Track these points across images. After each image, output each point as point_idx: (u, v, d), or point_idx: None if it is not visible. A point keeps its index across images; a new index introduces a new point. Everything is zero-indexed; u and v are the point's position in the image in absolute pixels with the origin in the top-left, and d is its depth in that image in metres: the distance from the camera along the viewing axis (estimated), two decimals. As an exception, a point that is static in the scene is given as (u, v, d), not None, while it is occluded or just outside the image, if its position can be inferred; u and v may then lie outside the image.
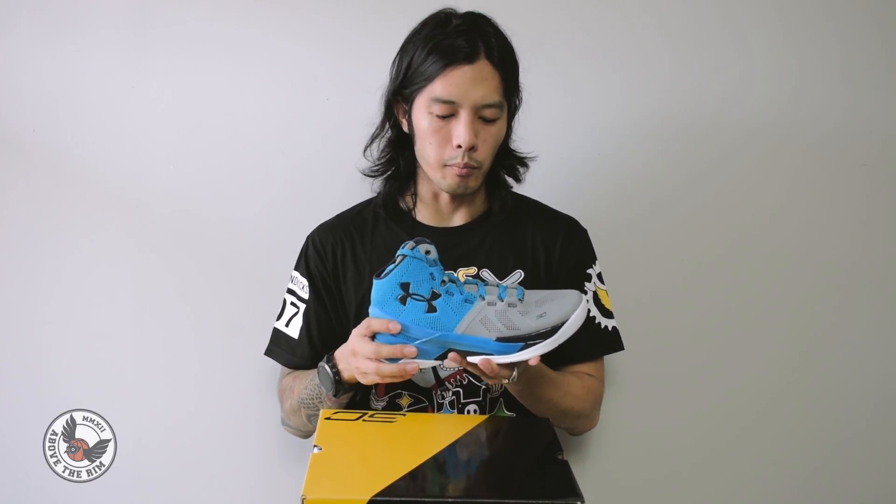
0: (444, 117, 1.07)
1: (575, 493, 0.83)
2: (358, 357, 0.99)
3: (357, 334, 1.00)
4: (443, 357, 0.97)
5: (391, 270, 0.96)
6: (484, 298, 0.96)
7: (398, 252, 0.97)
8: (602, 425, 1.30)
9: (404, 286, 0.95)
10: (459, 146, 1.07)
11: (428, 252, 0.97)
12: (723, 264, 1.48)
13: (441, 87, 1.06)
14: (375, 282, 0.97)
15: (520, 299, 0.96)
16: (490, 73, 1.07)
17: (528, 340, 0.95)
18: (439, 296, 0.95)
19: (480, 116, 1.08)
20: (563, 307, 0.96)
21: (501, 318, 0.95)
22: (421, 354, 0.96)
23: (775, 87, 1.46)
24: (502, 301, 0.96)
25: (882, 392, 1.53)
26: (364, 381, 1.01)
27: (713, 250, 1.48)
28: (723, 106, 1.46)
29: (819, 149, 1.48)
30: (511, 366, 0.97)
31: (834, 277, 1.51)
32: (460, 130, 1.06)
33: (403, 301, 0.95)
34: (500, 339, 0.95)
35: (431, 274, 0.96)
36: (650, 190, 1.46)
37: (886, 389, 1.53)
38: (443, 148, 1.08)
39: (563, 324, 0.95)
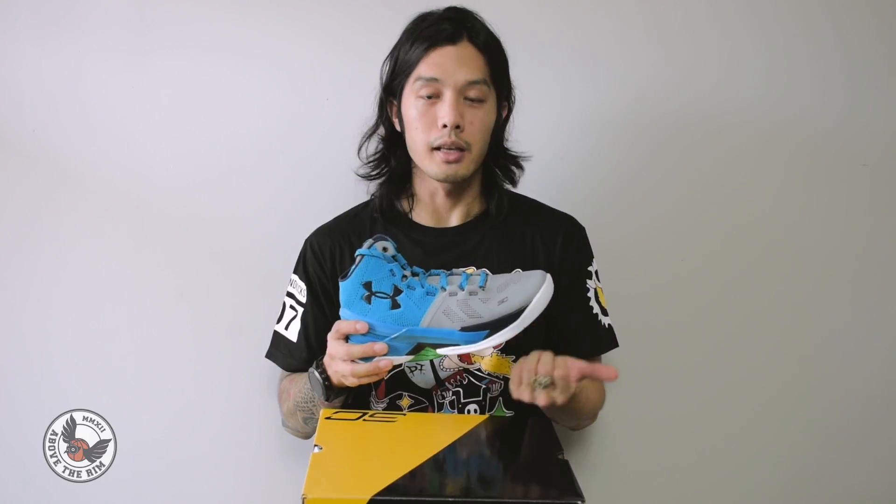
0: (429, 98, 1.08)
1: (575, 492, 0.83)
2: (335, 360, 1.00)
3: (331, 338, 1.00)
4: (414, 351, 0.98)
5: (353, 271, 0.97)
6: (445, 289, 0.96)
7: (356, 252, 0.97)
8: (601, 424, 1.30)
9: (367, 285, 0.96)
10: (445, 125, 1.07)
11: (385, 249, 0.97)
12: (721, 263, 1.48)
13: (424, 66, 1.08)
14: (341, 283, 0.98)
15: (481, 287, 0.96)
16: (473, 54, 1.09)
17: (492, 327, 0.95)
18: (401, 291, 0.96)
19: (466, 98, 1.09)
20: (525, 289, 0.96)
21: (463, 308, 0.95)
22: (392, 350, 0.97)
23: (774, 86, 1.46)
24: (463, 290, 0.96)
25: (880, 391, 1.53)
26: (347, 382, 1.01)
27: (711, 249, 1.48)
28: (721, 105, 1.46)
29: (818, 148, 1.48)
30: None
31: (833, 277, 1.50)
32: (444, 110, 1.07)
33: (368, 300, 0.96)
34: (464, 329, 0.95)
35: (391, 270, 0.96)
36: (648, 188, 1.46)
37: (885, 388, 1.53)
38: (429, 131, 1.09)
39: (526, 306, 0.95)
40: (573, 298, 1.18)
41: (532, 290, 0.96)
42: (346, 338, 0.99)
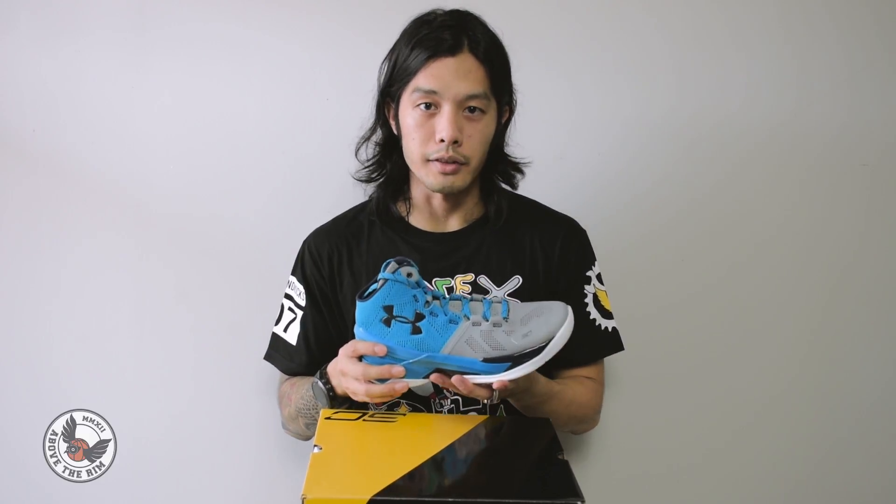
0: (427, 108, 1.06)
1: (575, 493, 0.82)
2: (347, 378, 0.99)
3: (344, 356, 0.99)
4: (430, 375, 0.97)
5: (373, 292, 0.95)
6: (468, 318, 0.95)
7: (379, 275, 0.95)
8: (602, 425, 1.30)
9: (388, 309, 0.94)
10: (442, 140, 1.05)
11: (409, 275, 0.95)
12: (722, 264, 1.48)
13: (423, 78, 1.05)
14: (359, 303, 0.96)
15: (504, 318, 0.95)
16: (474, 66, 1.06)
17: (514, 360, 0.94)
18: (423, 317, 0.94)
19: (466, 109, 1.06)
20: (549, 323, 0.95)
21: (487, 339, 0.94)
22: (409, 374, 0.96)
23: (774, 86, 1.46)
24: (487, 321, 0.95)
25: (881, 393, 1.53)
26: (355, 398, 1.00)
27: (712, 250, 1.48)
28: (722, 106, 1.46)
29: (819, 149, 1.48)
30: (489, 385, 0.95)
31: (833, 277, 1.50)
32: (443, 124, 1.05)
33: (388, 323, 0.95)
34: (486, 360, 0.94)
35: (414, 296, 0.95)
36: (650, 190, 1.46)
37: (886, 390, 1.53)
38: (426, 143, 1.07)
39: (549, 341, 0.94)
40: (570, 304, 1.16)
41: (555, 325, 0.95)
42: (360, 357, 0.98)
